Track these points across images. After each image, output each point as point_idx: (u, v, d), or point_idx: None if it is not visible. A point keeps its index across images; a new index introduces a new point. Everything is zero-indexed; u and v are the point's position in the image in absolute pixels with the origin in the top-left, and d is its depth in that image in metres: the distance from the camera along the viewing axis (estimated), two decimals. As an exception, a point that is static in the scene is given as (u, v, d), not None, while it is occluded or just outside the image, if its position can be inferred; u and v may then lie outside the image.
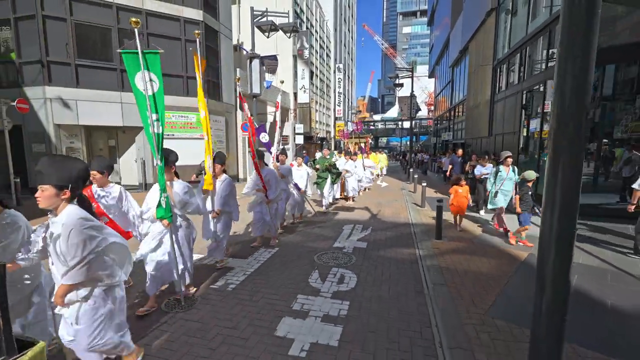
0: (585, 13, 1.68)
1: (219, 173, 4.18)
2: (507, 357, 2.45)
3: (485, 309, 3.21)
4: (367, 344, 2.67)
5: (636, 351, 2.55)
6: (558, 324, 1.84)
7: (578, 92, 1.71)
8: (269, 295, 3.53)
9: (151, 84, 2.83)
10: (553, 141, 1.78)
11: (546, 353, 1.88)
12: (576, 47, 1.70)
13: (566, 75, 1.73)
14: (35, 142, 9.90)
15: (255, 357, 2.48)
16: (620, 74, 7.62)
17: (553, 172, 1.79)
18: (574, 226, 1.79)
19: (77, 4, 9.77)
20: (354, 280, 3.93)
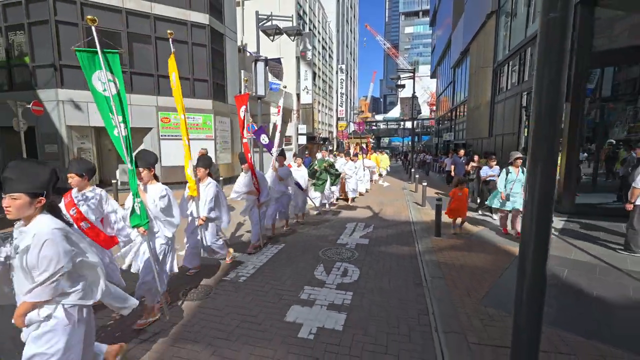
0: (559, 22, 1.89)
1: (202, 177, 3.97)
2: (496, 340, 2.70)
3: (479, 298, 3.46)
4: (369, 328, 2.93)
5: (614, 334, 2.79)
6: (537, 311, 2.08)
7: (554, 95, 1.94)
8: (278, 286, 3.80)
9: (113, 85, 2.62)
10: (532, 139, 2.01)
11: (526, 338, 2.11)
12: (553, 53, 1.93)
13: (543, 79, 1.95)
14: (48, 143, 10.23)
15: (268, 339, 2.75)
16: (623, 75, 7.79)
17: (533, 168, 2.03)
18: (550, 218, 2.03)
19: (88, 9, 10.09)
20: (356, 273, 4.19)
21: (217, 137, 12.73)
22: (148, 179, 3.07)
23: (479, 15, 14.81)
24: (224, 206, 4.20)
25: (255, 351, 2.59)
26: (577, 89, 7.12)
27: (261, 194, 4.96)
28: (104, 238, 2.98)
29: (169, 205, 3.07)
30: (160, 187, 3.07)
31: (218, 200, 4.07)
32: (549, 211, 2.02)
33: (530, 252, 2.05)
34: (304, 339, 2.75)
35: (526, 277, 2.07)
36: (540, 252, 2.02)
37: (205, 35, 12.14)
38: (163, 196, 3.02)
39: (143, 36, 11.06)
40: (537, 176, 2.00)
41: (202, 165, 3.97)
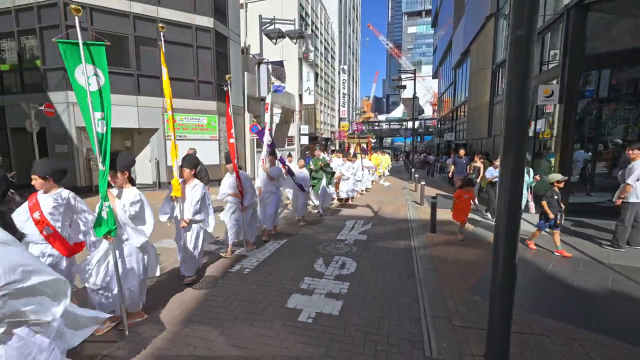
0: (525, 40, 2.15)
1: (188, 178, 3.82)
2: (478, 323, 2.96)
3: (467, 289, 3.72)
4: (363, 313, 3.20)
5: (588, 318, 3.04)
6: (509, 295, 2.35)
7: (521, 103, 2.22)
8: (280, 277, 4.09)
9: (96, 79, 2.51)
10: (503, 142, 2.29)
11: (499, 318, 2.39)
12: (520, 65, 2.21)
13: (512, 88, 2.23)
14: (58, 144, 10.59)
15: (270, 321, 3.03)
16: (619, 77, 7.95)
17: (504, 167, 2.31)
18: (519, 212, 2.31)
19: (97, 14, 10.43)
20: (354, 266, 4.47)
21: (221, 138, 13.05)
22: (122, 182, 2.92)
23: (478, 18, 15.03)
24: (210, 209, 3.98)
25: (259, 332, 2.87)
26: (570, 91, 7.33)
27: (244, 197, 4.80)
28: (67, 245, 2.76)
29: (142, 213, 2.88)
30: (134, 192, 2.89)
31: (204, 202, 3.89)
32: (518, 206, 2.30)
33: (501, 245, 2.33)
34: (304, 322, 3.03)
35: (499, 266, 2.35)
36: (511, 243, 2.30)
37: (210, 38, 12.46)
38: (135, 202, 2.83)
39: (149, 39, 11.39)
40: (508, 175, 2.28)
41: (187, 166, 3.80)
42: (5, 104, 10.94)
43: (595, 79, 8.02)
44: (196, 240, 3.85)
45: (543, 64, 9.17)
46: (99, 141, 2.55)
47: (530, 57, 2.16)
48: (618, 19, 7.32)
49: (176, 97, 11.89)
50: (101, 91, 2.56)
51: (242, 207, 4.83)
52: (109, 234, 2.59)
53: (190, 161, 3.86)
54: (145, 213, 2.93)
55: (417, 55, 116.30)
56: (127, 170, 2.94)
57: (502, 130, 2.29)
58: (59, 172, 2.82)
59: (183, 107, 12.06)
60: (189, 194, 3.78)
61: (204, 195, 3.86)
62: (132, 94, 11.21)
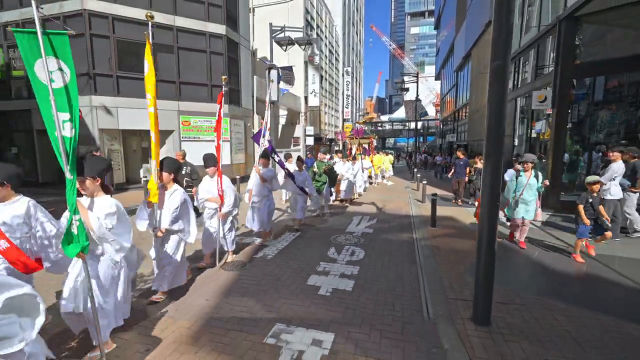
0: (501, 68, 2.77)
1: (167, 183, 3.51)
2: (468, 297, 3.55)
3: (461, 271, 4.33)
4: (372, 289, 3.81)
5: (560, 293, 3.62)
6: (489, 269, 2.96)
7: (499, 116, 2.83)
8: (299, 262, 4.71)
9: (61, 75, 2.17)
10: (485, 145, 2.90)
11: (482, 290, 2.99)
12: (498, 86, 2.81)
13: (493, 103, 2.84)
14: (81, 144, 11.27)
15: (295, 294, 3.65)
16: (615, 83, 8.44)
17: (486, 166, 2.91)
18: (497, 204, 2.91)
19: (118, 23, 11.12)
20: (362, 254, 5.08)
21: (232, 139, 13.70)
22: (93, 191, 2.55)
23: (479, 23, 15.57)
24: (191, 217, 3.66)
25: (287, 301, 3.49)
26: (562, 96, 7.89)
27: (224, 203, 4.44)
28: (26, 261, 2.39)
29: (119, 224, 2.57)
30: (108, 202, 2.54)
31: (185, 210, 3.58)
32: (496, 199, 2.91)
33: (485, 232, 2.95)
34: (323, 295, 3.65)
35: (482, 248, 2.97)
36: (491, 230, 2.92)
37: (222, 45, 13.12)
38: (111, 213, 2.51)
39: (166, 46, 12.07)
40: (489, 173, 2.89)
41: (166, 170, 3.47)
42: (32, 107, 11.64)
43: (587, 85, 8.55)
44: (174, 251, 3.53)
45: (538, 69, 9.73)
46: (65, 146, 2.15)
47: (505, 80, 2.78)
48: (607, 30, 7.88)
49: (191, 100, 12.66)
50: (67, 89, 2.19)
51: (221, 214, 4.43)
52: (82, 251, 2.23)
53: (170, 165, 3.53)
54: (123, 225, 2.62)
55: (420, 56, 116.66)
56: (100, 177, 2.59)
57: (485, 137, 2.91)
58: (15, 176, 2.46)
59: (197, 110, 12.74)
60: (167, 200, 3.45)
61: (185, 202, 3.55)
62: (149, 97, 11.86)
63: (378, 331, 2.94)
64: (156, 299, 3.47)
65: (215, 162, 4.46)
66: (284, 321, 3.08)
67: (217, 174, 4.43)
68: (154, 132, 3.32)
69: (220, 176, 4.41)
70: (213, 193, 4.46)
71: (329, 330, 2.94)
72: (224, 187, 4.43)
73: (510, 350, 2.63)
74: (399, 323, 3.08)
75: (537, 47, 9.52)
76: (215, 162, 4.46)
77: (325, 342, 2.75)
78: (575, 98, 8.61)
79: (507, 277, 4.09)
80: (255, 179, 5.44)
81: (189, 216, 3.65)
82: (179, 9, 12.15)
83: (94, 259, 2.54)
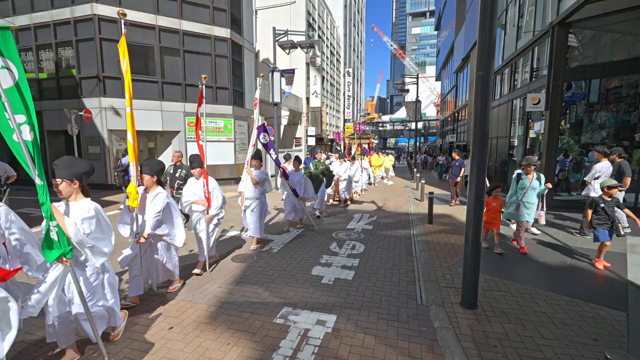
0: (485, 78, 3.10)
1: (149, 185, 3.37)
2: (458, 286, 3.88)
3: (453, 263, 4.66)
4: (370, 279, 4.15)
5: (544, 282, 3.95)
6: (475, 258, 3.29)
7: (483, 121, 3.17)
8: (303, 254, 5.05)
9: (8, 73, 1.99)
10: (471, 148, 3.24)
11: (469, 277, 3.33)
12: (482, 94, 3.15)
13: (478, 108, 3.18)
14: (92, 145, 11.66)
15: (301, 284, 3.99)
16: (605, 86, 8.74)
17: (472, 167, 3.25)
18: (482, 198, 3.25)
19: (127, 27, 11.48)
20: (362, 248, 5.42)
21: (236, 139, 14.07)
22: (69, 194, 2.43)
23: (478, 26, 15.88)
24: (176, 221, 3.54)
25: (293, 288, 3.83)
26: (555, 99, 8.21)
27: (211, 205, 4.24)
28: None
29: (99, 228, 2.46)
30: (86, 206, 2.42)
31: (169, 213, 3.46)
32: (481, 197, 3.24)
33: (471, 226, 3.28)
34: (326, 284, 3.99)
35: (469, 240, 3.31)
36: (477, 225, 3.26)
37: (227, 48, 13.48)
38: (89, 217, 2.40)
39: (173, 50, 12.44)
40: (474, 173, 3.23)
41: (147, 172, 3.32)
42: (43, 109, 12.03)
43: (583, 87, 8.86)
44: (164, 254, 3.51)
45: (534, 72, 10.04)
46: (30, 150, 2.02)
47: (489, 89, 3.12)
48: (597, 35, 8.20)
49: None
50: (19, 87, 2.03)
51: (208, 216, 4.21)
52: (64, 256, 2.19)
53: (152, 166, 3.36)
54: (103, 228, 2.50)
55: (421, 56, 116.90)
56: (77, 179, 2.43)
57: (470, 140, 3.24)
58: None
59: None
60: (149, 204, 3.32)
61: (168, 206, 3.41)
62: (156, 99, 12.26)
63: (375, 313, 3.28)
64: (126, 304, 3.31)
65: (201, 162, 4.28)
66: (290, 305, 3.43)
67: (203, 176, 4.24)
68: (130, 133, 3.12)
69: (207, 177, 4.21)
70: (199, 195, 4.26)
71: (332, 312, 3.28)
72: (210, 188, 4.24)
73: (492, 328, 2.96)
74: (394, 307, 3.42)
75: (532, 51, 9.83)
76: (201, 163, 4.28)
77: (328, 322, 3.10)
78: (572, 100, 8.92)
79: (493, 267, 4.42)
80: (247, 181, 5.29)
81: (174, 219, 3.52)
82: (185, 13, 12.52)
83: (78, 265, 2.43)
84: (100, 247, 2.43)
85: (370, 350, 2.69)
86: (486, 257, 4.80)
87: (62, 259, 2.20)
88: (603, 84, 8.65)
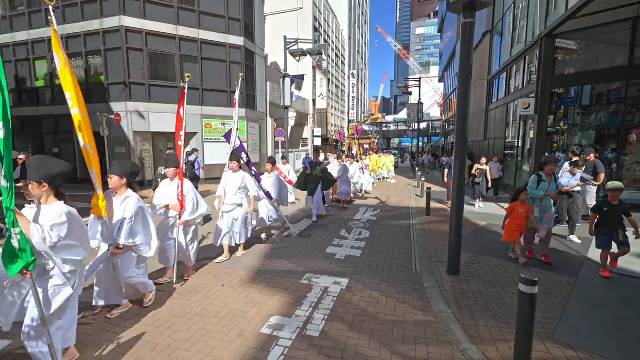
0: (464, 94, 4.00)
1: (117, 187, 3.05)
2: (447, 261, 4.77)
3: (444, 245, 5.55)
4: (375, 256, 5.06)
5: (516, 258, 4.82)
6: (458, 237, 4.19)
7: (464, 129, 4.06)
8: (318, 238, 5.98)
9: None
10: (455, 146, 4.14)
11: (453, 249, 4.23)
12: (462, 106, 4.04)
13: (459, 115, 4.08)
14: (117, 145, 12.69)
15: (318, 258, 4.92)
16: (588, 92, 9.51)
17: (455, 162, 4.14)
18: (463, 184, 4.15)
19: (151, 37, 12.51)
20: (368, 234, 6.33)
21: (249, 140, 15.04)
22: (39, 197, 2.24)
23: (477, 32, 16.69)
24: (150, 229, 3.25)
25: (313, 262, 4.76)
26: (543, 104, 9.05)
27: (184, 211, 3.90)
28: None
29: (71, 234, 2.24)
30: (57, 210, 2.21)
31: (144, 220, 3.18)
32: (462, 189, 4.15)
33: (454, 212, 4.18)
34: (339, 259, 4.91)
35: (453, 222, 4.20)
36: (459, 212, 4.15)
37: (240, 55, 14.46)
38: (59, 223, 2.16)
39: (191, 57, 13.45)
40: (457, 170, 4.14)
41: (116, 173, 3.00)
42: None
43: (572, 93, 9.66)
44: (128, 270, 3.10)
45: (525, 78, 10.86)
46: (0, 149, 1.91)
47: (467, 102, 4.02)
48: (580, 46, 9.01)
49: (212, 105, 14.00)
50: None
51: (181, 222, 3.89)
52: (26, 268, 1.99)
53: (123, 166, 3.06)
54: (76, 235, 2.29)
55: (425, 56, 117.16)
56: (47, 181, 2.22)
57: (454, 144, 4.15)
58: None
59: (218, 114, 14.09)
60: (118, 209, 3.01)
61: (140, 210, 3.11)
62: (175, 103, 13.24)
63: (379, 278, 4.19)
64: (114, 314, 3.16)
65: (177, 162, 3.98)
66: (312, 272, 4.36)
67: (179, 177, 3.93)
68: (80, 136, 2.69)
69: (182, 179, 3.90)
70: (172, 199, 3.90)
71: (345, 277, 4.20)
72: (184, 191, 3.89)
73: (468, 287, 3.86)
74: (394, 274, 4.33)
75: (524, 59, 10.66)
76: (177, 163, 3.97)
77: (342, 283, 4.01)
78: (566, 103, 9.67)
79: (477, 246, 5.31)
80: (224, 185, 4.86)
81: (149, 227, 3.24)
82: (203, 24, 13.51)
83: (44, 274, 2.23)
84: (71, 255, 2.26)
85: (375, 299, 3.61)
86: (468, 236, 5.69)
87: (24, 272, 1.99)
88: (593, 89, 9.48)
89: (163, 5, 12.65)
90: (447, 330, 3.00)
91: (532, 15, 9.85)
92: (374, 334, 2.95)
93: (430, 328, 3.05)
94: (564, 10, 7.59)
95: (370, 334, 2.95)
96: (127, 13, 12.06)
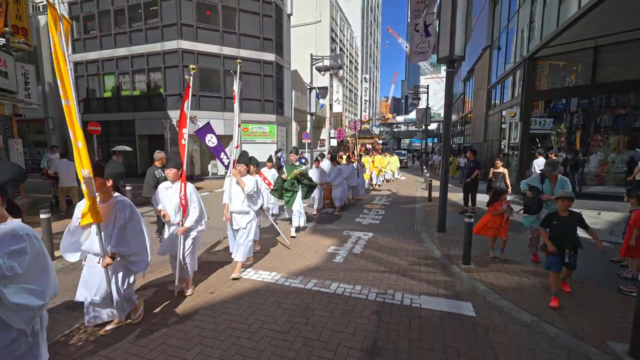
0: (447, 124, 6.29)
1: (102, 190, 2.69)
2: (445, 234, 7.03)
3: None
4: (389, 223, 7.37)
5: (488, 227, 7.04)
6: (443, 207, 6.47)
7: (446, 135, 6.35)
8: (347, 215, 8.32)
9: None
10: (443, 149, 6.41)
11: (440, 213, 6.52)
12: (446, 128, 6.32)
13: (446, 128, 6.37)
14: (174, 146, 15.32)
15: (351, 224, 7.27)
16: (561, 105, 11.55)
17: (442, 160, 6.42)
18: (447, 183, 6.43)
19: (201, 57, 15.09)
20: (383, 212, 8.64)
21: (278, 142, 17.50)
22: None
23: (479, 47, 18.74)
24: (147, 237, 2.94)
25: (347, 225, 7.10)
26: (526, 114, 11.15)
27: (186, 216, 3.60)
28: None
29: (32, 268, 1.50)
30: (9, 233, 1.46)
31: (135, 228, 2.84)
32: (446, 182, 6.44)
33: (441, 197, 6.48)
34: (364, 224, 7.25)
35: (440, 203, 6.50)
36: (444, 195, 6.45)
37: (272, 69, 16.92)
38: (16, 251, 1.43)
39: (232, 72, 15.97)
40: (443, 169, 6.42)
41: (104, 175, 2.68)
42: (136, 118, 15.77)
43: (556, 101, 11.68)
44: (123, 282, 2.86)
45: (514, 91, 12.93)
46: None
47: (449, 128, 6.27)
48: (558, 67, 11.06)
49: (248, 112, 16.51)
50: None
51: (182, 229, 3.55)
52: None
53: (112, 169, 2.78)
54: (39, 265, 1.54)
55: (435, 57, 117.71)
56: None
57: (442, 145, 6.43)
58: None
59: (252, 119, 16.58)
60: (108, 215, 2.70)
61: (132, 216, 2.80)
62: (219, 110, 15.80)
63: (393, 233, 6.52)
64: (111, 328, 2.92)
65: (178, 163, 3.62)
66: (348, 229, 6.72)
67: (181, 179, 3.59)
68: (71, 131, 2.41)
69: (185, 182, 3.57)
70: (174, 203, 3.59)
71: (370, 232, 6.54)
72: (187, 193, 3.57)
73: (450, 238, 6.14)
74: (402, 232, 6.65)
75: (514, 75, 12.74)
76: (178, 164, 3.61)
77: (368, 235, 6.35)
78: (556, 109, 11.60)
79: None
80: (229, 191, 4.33)
81: (144, 235, 2.91)
82: (242, 44, 16.03)
83: None
84: (26, 301, 1.44)
85: (390, 241, 5.94)
86: (458, 216, 7.95)
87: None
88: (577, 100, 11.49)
89: (211, 30, 15.21)
90: (430, 251, 5.32)
91: (520, 39, 11.95)
92: (390, 252, 5.30)
93: (421, 252, 5.38)
94: (539, 40, 9.73)
95: (388, 252, 5.29)
96: (184, 37, 14.65)
